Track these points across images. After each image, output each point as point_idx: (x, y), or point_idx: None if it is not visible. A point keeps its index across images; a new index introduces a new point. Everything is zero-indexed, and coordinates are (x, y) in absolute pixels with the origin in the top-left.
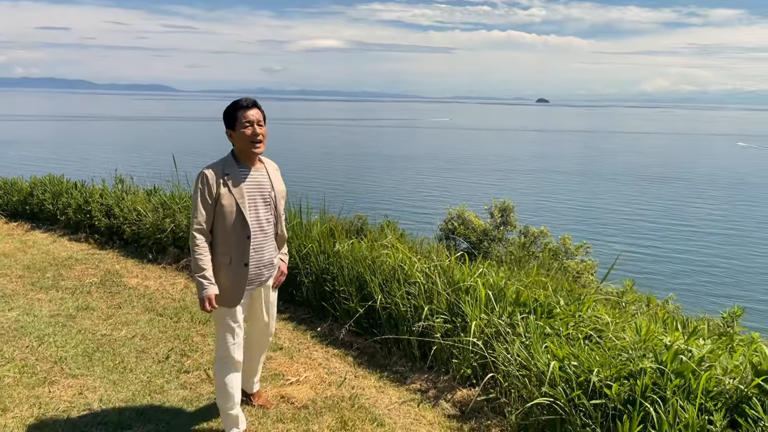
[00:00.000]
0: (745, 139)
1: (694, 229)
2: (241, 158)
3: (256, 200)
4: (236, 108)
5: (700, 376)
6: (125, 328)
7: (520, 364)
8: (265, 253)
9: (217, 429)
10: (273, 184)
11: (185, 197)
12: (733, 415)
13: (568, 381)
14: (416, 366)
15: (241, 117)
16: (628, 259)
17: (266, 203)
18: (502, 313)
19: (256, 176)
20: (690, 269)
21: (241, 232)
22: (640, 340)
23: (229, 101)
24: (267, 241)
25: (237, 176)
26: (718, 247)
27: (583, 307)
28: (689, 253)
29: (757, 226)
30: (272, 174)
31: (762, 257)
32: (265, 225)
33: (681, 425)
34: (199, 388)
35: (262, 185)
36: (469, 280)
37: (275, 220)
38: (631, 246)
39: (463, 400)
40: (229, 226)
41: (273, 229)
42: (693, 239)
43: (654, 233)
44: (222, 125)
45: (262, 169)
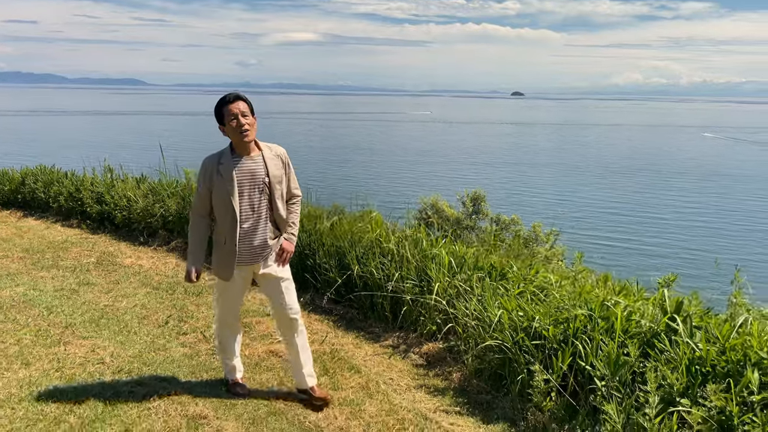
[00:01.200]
0: (710, 130)
1: (659, 217)
2: (236, 148)
3: (245, 188)
4: (222, 104)
5: (619, 318)
6: (125, 299)
7: (476, 317)
8: (257, 236)
9: (215, 377)
10: (269, 170)
11: (173, 184)
12: (645, 348)
13: (514, 327)
14: (389, 326)
15: (226, 112)
16: (600, 248)
17: (259, 189)
18: (462, 276)
19: (249, 165)
20: (657, 257)
21: (231, 217)
22: (576, 294)
23: (203, 95)
24: (260, 225)
25: (229, 165)
26: (684, 235)
27: (532, 270)
28: (657, 242)
29: (721, 214)
30: (269, 161)
31: (724, 245)
32: (258, 210)
33: (602, 356)
34: (197, 346)
35: (254, 173)
36: (434, 250)
37: (270, 204)
38: (602, 235)
39: (429, 352)
40: (222, 211)
41: (267, 213)
42: (659, 228)
43: (622, 223)
44: (197, 120)
45: (258, 157)
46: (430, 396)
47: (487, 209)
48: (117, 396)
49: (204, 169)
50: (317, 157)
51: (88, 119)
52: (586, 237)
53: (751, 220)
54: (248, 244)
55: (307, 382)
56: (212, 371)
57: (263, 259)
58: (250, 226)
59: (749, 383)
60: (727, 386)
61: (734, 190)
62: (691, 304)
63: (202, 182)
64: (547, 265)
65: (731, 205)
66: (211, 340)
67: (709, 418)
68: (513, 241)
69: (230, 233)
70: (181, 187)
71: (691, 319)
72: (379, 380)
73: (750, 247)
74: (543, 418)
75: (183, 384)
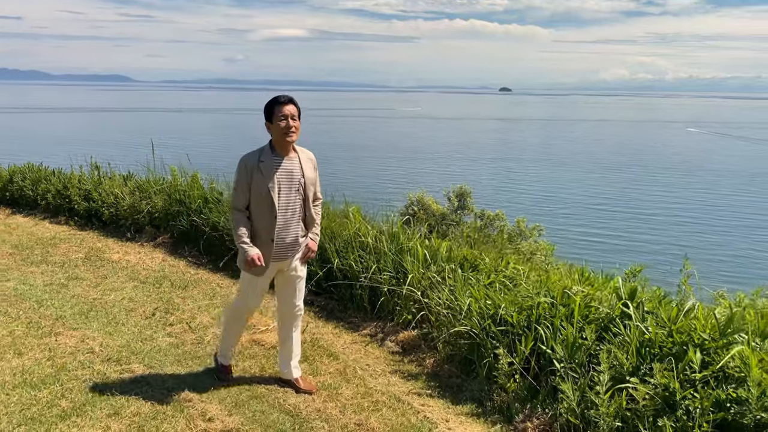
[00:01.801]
0: (694, 125)
1: (641, 210)
2: (276, 147)
3: (285, 186)
4: (275, 103)
5: (578, 305)
6: (113, 293)
7: (447, 306)
8: (290, 233)
9: (200, 365)
10: (304, 171)
11: (160, 181)
12: (602, 332)
13: (482, 315)
14: (367, 316)
15: (278, 111)
16: (584, 242)
17: (296, 189)
18: (436, 268)
19: (288, 165)
20: (638, 249)
21: (270, 212)
22: (542, 284)
23: (190, 91)
24: (293, 222)
25: (270, 164)
26: (663, 227)
27: (503, 262)
28: (639, 234)
29: (702, 208)
30: (304, 163)
31: (703, 236)
32: (294, 207)
33: (560, 339)
34: (182, 336)
35: (292, 173)
36: (410, 243)
37: (303, 203)
38: (590, 231)
39: (405, 339)
40: (260, 206)
41: (300, 212)
42: (640, 221)
43: (608, 218)
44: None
45: (295, 158)
46: (404, 380)
47: (472, 205)
48: (106, 382)
49: (245, 165)
50: None
51: (74, 116)
52: (573, 233)
53: (735, 215)
54: (282, 240)
55: (293, 373)
56: (197, 359)
57: (293, 256)
58: (285, 223)
59: (691, 362)
60: (673, 365)
61: (719, 185)
62: (644, 290)
63: (243, 178)
64: (518, 257)
65: (716, 200)
66: (196, 331)
67: (654, 395)
68: (497, 235)
69: (268, 228)
70: (167, 184)
71: (644, 304)
72: (356, 366)
73: (732, 240)
74: (507, 398)
75: (169, 371)
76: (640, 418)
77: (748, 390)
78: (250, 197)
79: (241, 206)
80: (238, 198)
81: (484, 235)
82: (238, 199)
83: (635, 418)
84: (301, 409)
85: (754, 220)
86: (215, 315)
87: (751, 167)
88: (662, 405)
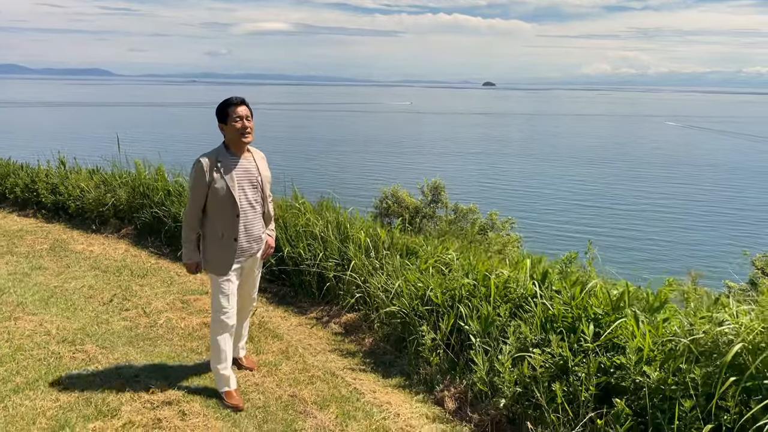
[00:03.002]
0: (673, 119)
1: (616, 203)
2: (232, 148)
3: (244, 184)
4: (228, 105)
5: (494, 285)
6: (74, 281)
7: (384, 289)
8: (254, 230)
9: (150, 345)
10: (260, 170)
11: (125, 175)
12: (516, 309)
13: (412, 296)
14: (315, 301)
15: (232, 113)
16: (567, 236)
17: (254, 186)
18: (379, 255)
19: (245, 163)
20: (618, 242)
21: (232, 211)
22: (470, 267)
23: (171, 85)
24: (255, 219)
25: (228, 163)
26: (638, 221)
27: (440, 249)
28: (612, 226)
29: (684, 202)
30: (259, 161)
31: (666, 228)
32: (254, 205)
33: (476, 315)
34: (137, 320)
35: (250, 171)
36: (354, 231)
37: (262, 201)
38: (567, 223)
39: (347, 322)
40: (221, 206)
41: (261, 208)
42: (614, 212)
43: (590, 213)
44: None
45: (250, 157)
46: (341, 358)
47: (446, 198)
48: (59, 360)
49: (202, 166)
50: (292, 148)
51: (48, 111)
52: (549, 225)
53: (711, 207)
54: (247, 238)
55: (239, 353)
56: (148, 341)
57: (257, 252)
58: (248, 221)
59: (583, 333)
60: (569, 336)
61: (698, 178)
62: (554, 272)
63: (201, 179)
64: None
65: (695, 194)
66: (150, 315)
67: (553, 364)
68: (468, 228)
69: (229, 228)
70: (132, 177)
71: (552, 284)
72: (299, 346)
73: (706, 231)
74: (431, 371)
75: (120, 351)
76: (537, 383)
77: (627, 357)
78: (208, 198)
79: (198, 208)
80: (195, 199)
81: (458, 228)
82: (194, 200)
83: (533, 383)
84: (241, 383)
85: (734, 215)
86: (170, 301)
87: (731, 161)
88: (557, 371)
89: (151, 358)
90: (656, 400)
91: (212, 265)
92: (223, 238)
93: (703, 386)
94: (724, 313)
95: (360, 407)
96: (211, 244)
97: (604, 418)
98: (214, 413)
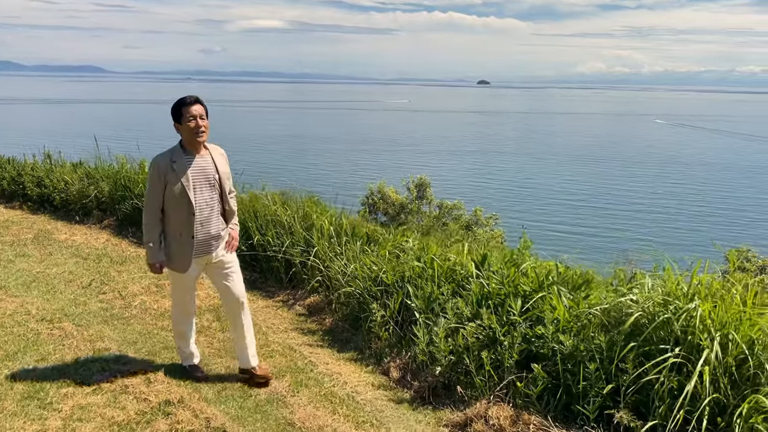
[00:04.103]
0: (663, 117)
1: (609, 202)
2: (187, 147)
3: (200, 183)
4: (181, 105)
5: (437, 267)
6: (56, 267)
7: (342, 272)
8: (211, 227)
9: (124, 324)
10: (217, 167)
11: (107, 169)
12: (458, 289)
13: (366, 278)
14: (282, 286)
15: (185, 112)
16: (557, 234)
17: (211, 185)
18: (341, 242)
19: (201, 162)
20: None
21: (187, 210)
22: (422, 251)
23: (165, 82)
24: (213, 217)
25: (183, 163)
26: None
27: (398, 236)
28: (594, 221)
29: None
30: (216, 159)
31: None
32: (211, 203)
33: (420, 293)
34: (113, 302)
35: (206, 169)
36: (319, 220)
37: (220, 198)
38: (559, 223)
39: (311, 304)
40: (177, 205)
41: (219, 206)
42: (607, 211)
43: (583, 210)
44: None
45: (207, 155)
46: (302, 335)
47: (431, 195)
48: (38, 336)
49: (157, 166)
50: (292, 146)
51: (40, 108)
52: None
53: (703, 205)
54: (204, 236)
55: (251, 361)
56: (122, 320)
57: (216, 249)
58: (205, 219)
59: (510, 307)
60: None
61: (690, 176)
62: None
63: (157, 179)
64: (413, 233)
65: (688, 190)
66: (125, 298)
67: (483, 335)
68: (451, 223)
69: (187, 226)
70: (113, 171)
71: (490, 265)
72: (262, 325)
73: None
74: (381, 345)
75: (95, 328)
76: (469, 352)
77: (547, 328)
78: (165, 198)
79: (155, 207)
80: (152, 199)
81: (442, 223)
82: (152, 201)
83: (465, 352)
84: (204, 357)
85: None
86: (145, 285)
87: (724, 160)
88: (487, 342)
89: (123, 335)
90: (569, 365)
91: (173, 262)
92: (181, 237)
93: (608, 351)
94: (637, 288)
95: (313, 377)
96: (171, 242)
97: (524, 380)
98: (177, 381)
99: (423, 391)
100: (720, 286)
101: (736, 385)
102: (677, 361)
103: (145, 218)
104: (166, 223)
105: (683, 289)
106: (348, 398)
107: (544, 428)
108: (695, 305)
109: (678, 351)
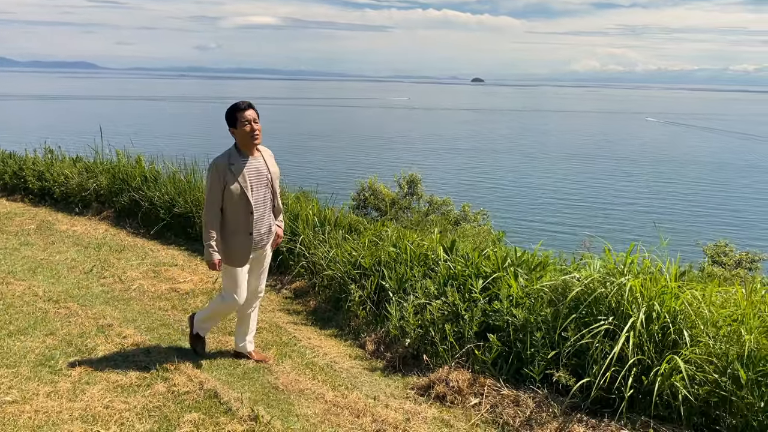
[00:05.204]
0: (654, 115)
1: (601, 199)
2: (243, 149)
3: (255, 182)
4: (236, 110)
5: (410, 251)
6: (59, 255)
7: (325, 258)
8: (264, 224)
9: (124, 304)
10: (269, 167)
11: (106, 162)
12: (428, 270)
13: (346, 263)
14: (271, 271)
15: (240, 117)
16: (552, 231)
17: (264, 184)
18: (325, 230)
19: (255, 163)
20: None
21: (246, 209)
22: (399, 239)
23: (159, 79)
24: (266, 215)
25: (240, 165)
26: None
27: (379, 226)
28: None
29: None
30: (268, 159)
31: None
32: (265, 201)
33: (394, 275)
34: (113, 286)
35: (260, 170)
36: (303, 211)
37: (272, 196)
38: (555, 222)
39: (297, 287)
40: (236, 205)
41: (271, 204)
42: (601, 209)
43: (575, 207)
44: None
45: (260, 156)
46: (287, 315)
47: (421, 191)
48: (46, 314)
49: (216, 168)
50: (290, 144)
51: (35, 104)
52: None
53: (696, 204)
54: (259, 231)
55: (248, 347)
56: (122, 301)
57: (267, 244)
58: (260, 217)
59: (472, 286)
60: (461, 289)
61: (682, 174)
62: (460, 243)
63: (216, 181)
64: (390, 223)
65: (681, 188)
66: (124, 282)
67: (448, 311)
68: (439, 218)
69: (245, 224)
70: (112, 165)
71: (458, 250)
72: None
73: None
74: (359, 322)
75: (98, 308)
76: (435, 325)
77: (502, 303)
78: (224, 198)
79: (216, 207)
80: (213, 200)
81: (428, 220)
82: (212, 201)
83: (431, 326)
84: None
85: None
86: (143, 271)
87: (717, 158)
88: (451, 316)
89: (124, 313)
90: (520, 335)
91: (230, 258)
92: (239, 234)
93: (553, 322)
94: (585, 269)
95: (296, 349)
96: (229, 239)
97: (482, 349)
98: (175, 351)
99: (394, 361)
100: (649, 264)
101: (659, 350)
102: (611, 329)
103: (206, 217)
104: (225, 222)
105: (621, 268)
106: (327, 367)
107: (497, 389)
108: (626, 280)
109: (611, 320)
